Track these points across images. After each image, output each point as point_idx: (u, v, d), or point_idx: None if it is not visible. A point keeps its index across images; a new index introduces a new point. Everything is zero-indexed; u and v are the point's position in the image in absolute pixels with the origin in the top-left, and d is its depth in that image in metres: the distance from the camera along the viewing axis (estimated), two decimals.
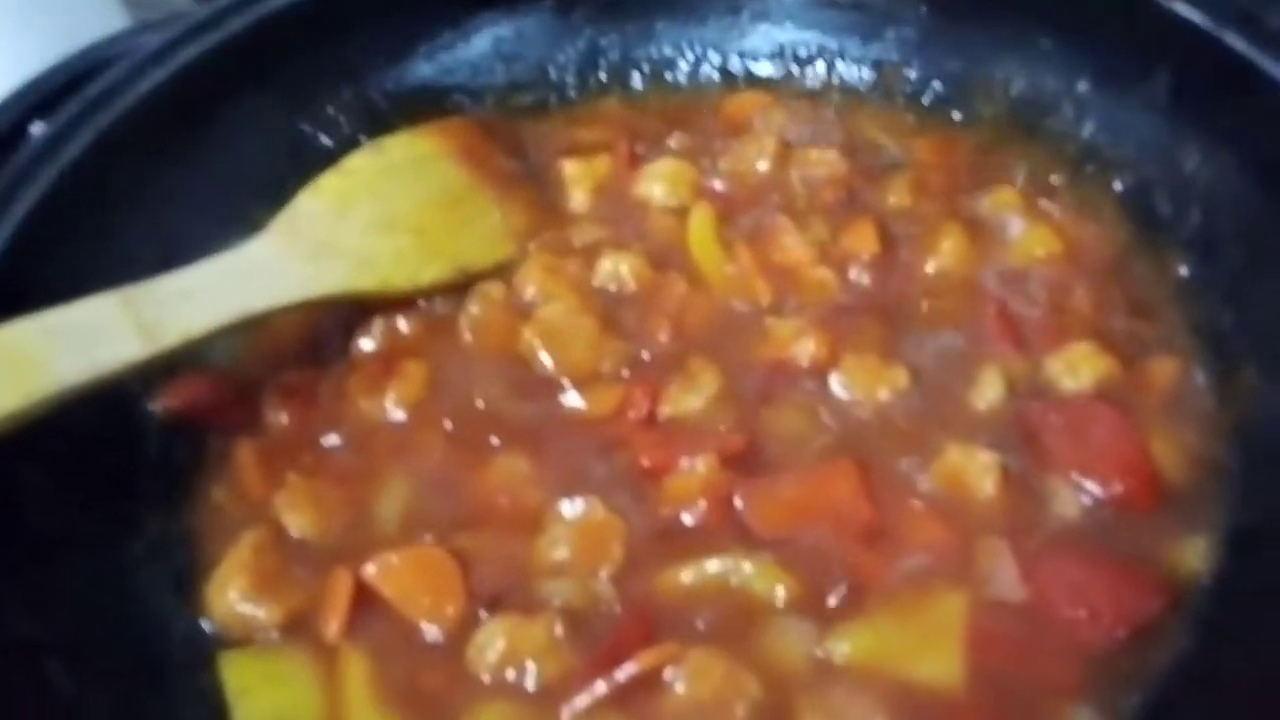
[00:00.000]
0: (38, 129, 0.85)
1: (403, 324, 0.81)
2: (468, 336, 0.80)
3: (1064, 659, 0.59)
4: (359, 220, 0.82)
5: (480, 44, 0.99)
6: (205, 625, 0.66)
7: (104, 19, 1.14)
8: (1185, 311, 0.75)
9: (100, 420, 0.72)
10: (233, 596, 0.65)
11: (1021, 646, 0.59)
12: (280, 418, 0.76)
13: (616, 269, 0.83)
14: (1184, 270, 0.77)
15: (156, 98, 0.82)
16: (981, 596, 0.61)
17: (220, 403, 0.77)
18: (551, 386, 0.77)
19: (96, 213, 0.79)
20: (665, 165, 0.90)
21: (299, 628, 0.65)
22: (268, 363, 0.79)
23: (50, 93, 0.88)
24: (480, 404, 0.76)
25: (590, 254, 0.84)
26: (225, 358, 0.79)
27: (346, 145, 0.93)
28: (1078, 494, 0.65)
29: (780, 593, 0.62)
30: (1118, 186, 0.83)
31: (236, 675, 0.62)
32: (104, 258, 0.78)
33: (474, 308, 0.81)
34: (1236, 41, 0.71)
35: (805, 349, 0.74)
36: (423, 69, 0.97)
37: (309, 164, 0.91)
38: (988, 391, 0.70)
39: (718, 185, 0.90)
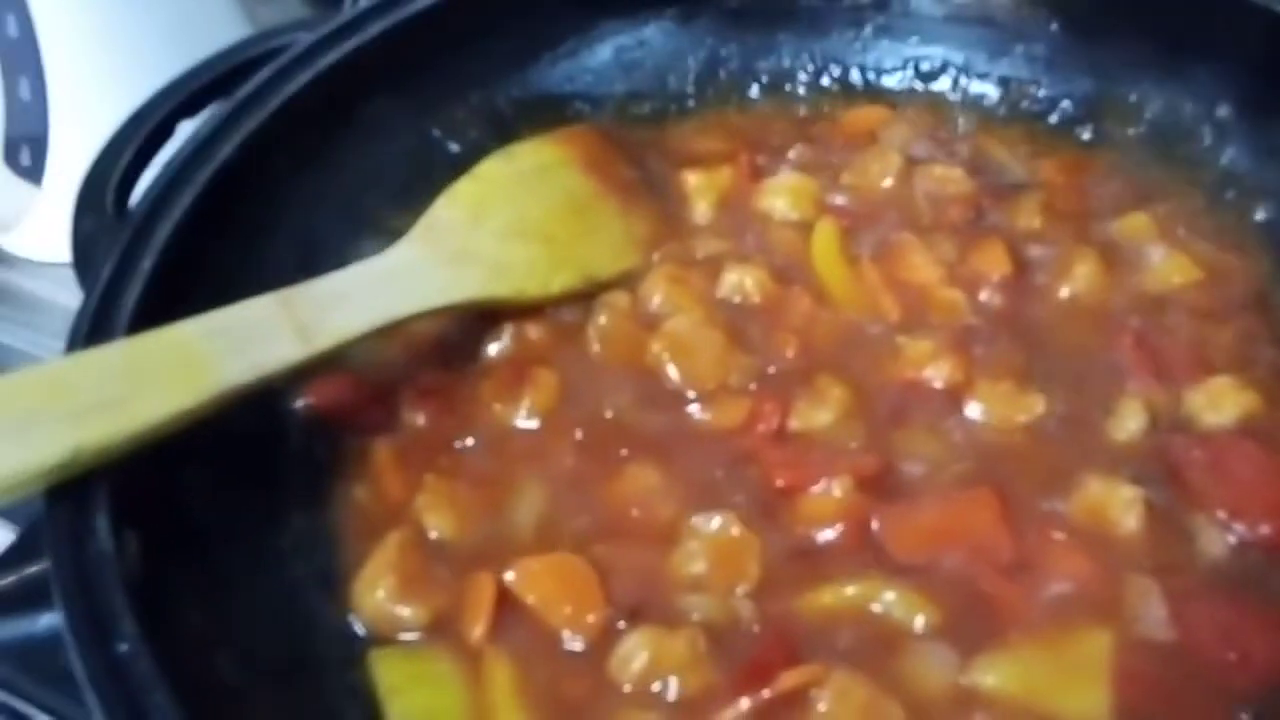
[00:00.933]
0: (185, 127, 0.88)
1: (532, 331, 0.83)
2: (595, 346, 0.81)
3: (1213, 702, 0.58)
4: (493, 227, 0.83)
5: (603, 52, 1.00)
6: (353, 623, 0.68)
7: (228, 29, 1.17)
8: None
9: (246, 417, 0.75)
10: (380, 595, 0.67)
11: (1169, 687, 0.59)
12: (417, 419, 0.78)
13: (741, 282, 0.83)
14: None
15: (302, 100, 0.84)
16: (1128, 634, 0.61)
17: (359, 403, 0.79)
18: (679, 398, 0.78)
19: (246, 214, 0.81)
20: (787, 179, 0.90)
21: (443, 629, 0.67)
22: (403, 365, 0.82)
23: (193, 92, 0.91)
24: (609, 414, 0.78)
25: (714, 266, 0.85)
26: (362, 360, 0.82)
27: (472, 151, 0.94)
28: (1224, 533, 0.65)
29: (921, 620, 0.63)
30: (1260, 216, 0.82)
31: (388, 673, 0.64)
32: (251, 260, 0.81)
33: (601, 318, 0.82)
34: None
35: (940, 371, 0.74)
36: (547, 76, 0.98)
37: (437, 169, 0.93)
38: (1129, 423, 0.70)
39: (840, 200, 0.90)
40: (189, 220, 0.76)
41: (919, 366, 0.76)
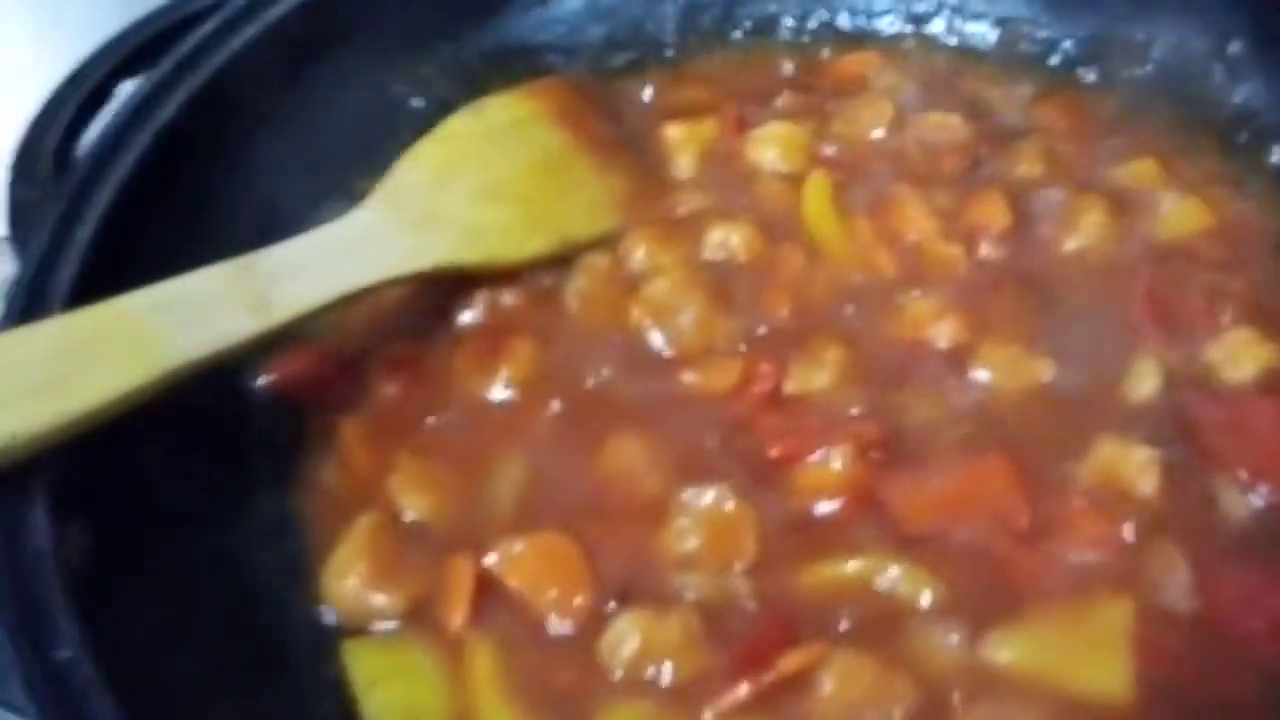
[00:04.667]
0: (125, 88, 0.82)
1: (507, 297, 0.78)
2: (575, 310, 0.77)
3: (1241, 673, 0.55)
4: (462, 189, 0.78)
5: (574, 1, 0.94)
6: (324, 614, 0.64)
7: None
8: None
9: (203, 396, 0.70)
10: (353, 583, 0.63)
11: (1194, 659, 0.56)
12: (387, 393, 0.73)
13: (727, 239, 0.79)
14: None
15: (249, 56, 0.78)
16: (1150, 604, 0.57)
17: (325, 378, 0.74)
18: (665, 364, 0.73)
19: (192, 178, 0.75)
20: (776, 129, 0.85)
21: (421, 616, 0.62)
22: (370, 336, 0.77)
23: (132, 51, 0.85)
24: (591, 383, 0.73)
25: (698, 223, 0.80)
26: (326, 330, 0.76)
27: (439, 108, 0.89)
28: (1246, 495, 0.61)
29: (928, 596, 0.59)
30: (1275, 158, 0.78)
31: (363, 666, 0.60)
32: (203, 226, 0.75)
33: (580, 281, 0.78)
34: None
35: (944, 331, 0.70)
36: (517, 26, 0.93)
37: (403, 128, 0.87)
38: (1144, 383, 0.66)
39: (830, 150, 0.85)
40: (131, 186, 0.70)
41: (923, 326, 0.71)
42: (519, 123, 0.84)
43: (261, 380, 0.73)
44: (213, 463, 0.68)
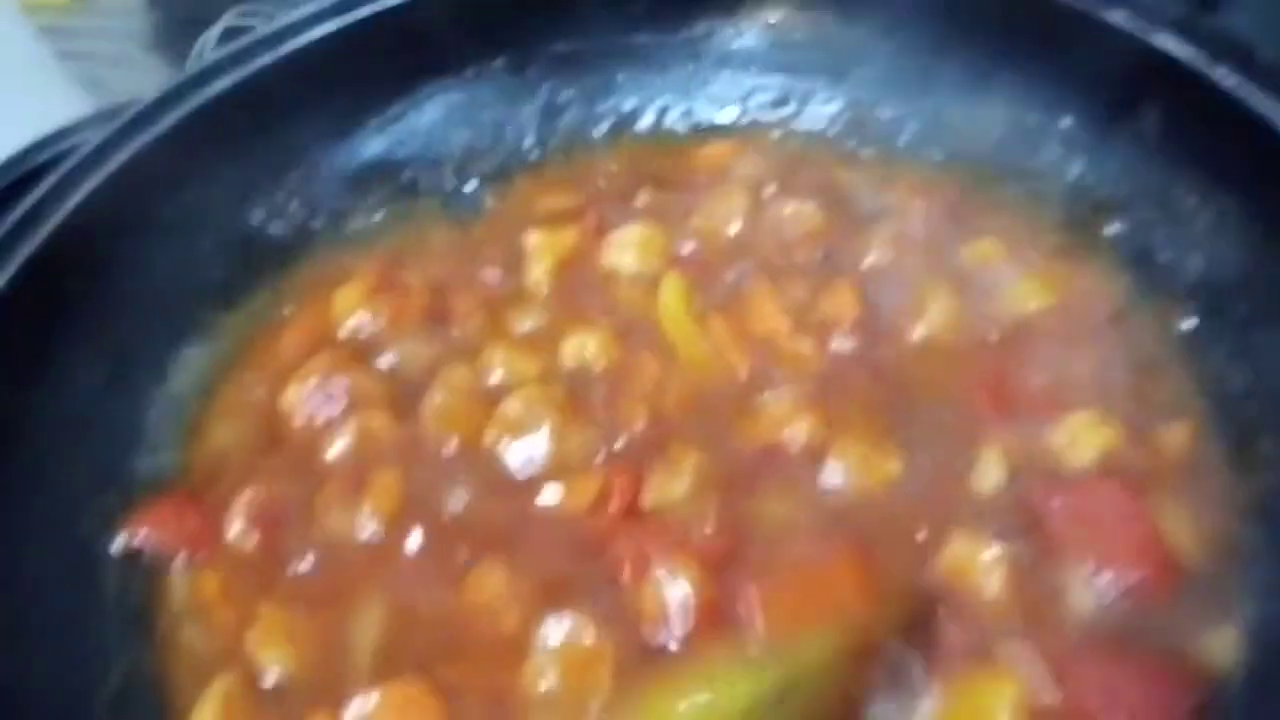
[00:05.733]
0: None
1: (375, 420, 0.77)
2: (432, 432, 0.76)
3: None
4: None
5: (432, 112, 0.94)
6: None
7: (59, 101, 1.10)
8: (1193, 370, 0.70)
9: (53, 561, 0.69)
10: None
11: None
12: (249, 541, 0.72)
13: (583, 348, 0.79)
14: (1188, 323, 0.72)
15: (93, 205, 0.77)
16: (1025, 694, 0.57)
17: (184, 530, 0.73)
18: (523, 484, 0.73)
19: (38, 334, 0.75)
20: (633, 232, 0.85)
21: None
22: (230, 479, 0.75)
23: None
24: (452, 509, 0.72)
25: (554, 334, 0.80)
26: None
27: (298, 234, 0.89)
28: (1094, 585, 0.61)
29: None
30: (1110, 230, 0.78)
31: None
32: (50, 378, 0.75)
33: (438, 397, 0.77)
34: (1227, 78, 0.67)
35: (799, 431, 0.70)
36: (374, 143, 0.92)
37: (261, 258, 0.87)
38: (990, 473, 0.66)
39: (689, 248, 0.85)
40: None
41: (777, 427, 0.71)
42: None
43: (117, 544, 0.72)
44: (57, 634, 0.66)
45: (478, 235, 0.91)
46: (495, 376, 0.78)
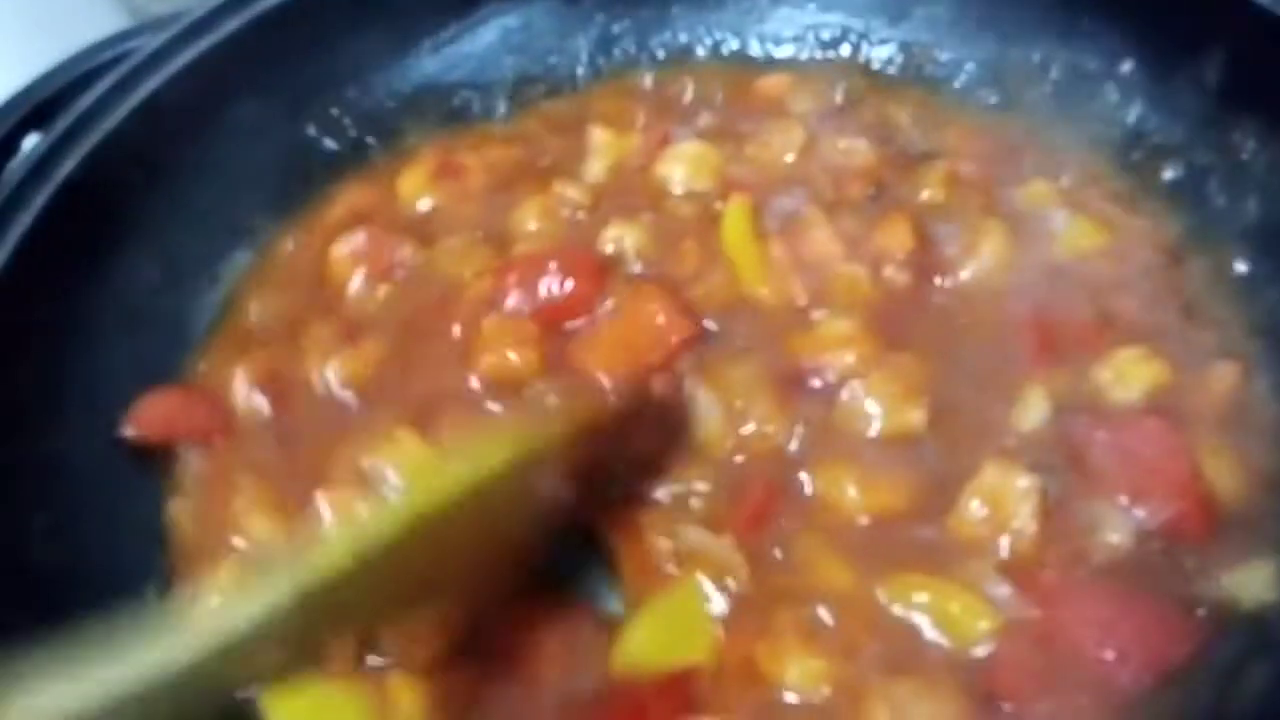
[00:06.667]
0: (30, 142, 0.82)
1: None
2: None
3: (1091, 698, 0.55)
4: None
5: (487, 35, 0.94)
6: None
7: (101, 21, 1.10)
8: (1244, 311, 0.70)
9: (102, 455, 0.71)
10: None
11: (1046, 680, 0.56)
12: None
13: (621, 239, 0.78)
14: (1242, 266, 0.72)
15: (152, 107, 0.79)
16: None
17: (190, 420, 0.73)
18: None
19: (95, 230, 0.76)
20: (692, 148, 0.84)
21: None
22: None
23: (43, 102, 0.85)
24: None
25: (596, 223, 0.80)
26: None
27: (353, 149, 0.90)
28: (1125, 520, 0.61)
29: None
30: (1168, 175, 0.78)
31: None
32: (107, 276, 0.76)
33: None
34: None
35: (842, 357, 0.70)
36: (429, 65, 0.93)
37: (315, 171, 0.88)
38: (1032, 410, 0.66)
39: (740, 173, 0.85)
40: (30, 241, 0.71)
41: (822, 350, 0.71)
42: None
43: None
44: (108, 519, 0.68)
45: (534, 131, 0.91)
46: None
